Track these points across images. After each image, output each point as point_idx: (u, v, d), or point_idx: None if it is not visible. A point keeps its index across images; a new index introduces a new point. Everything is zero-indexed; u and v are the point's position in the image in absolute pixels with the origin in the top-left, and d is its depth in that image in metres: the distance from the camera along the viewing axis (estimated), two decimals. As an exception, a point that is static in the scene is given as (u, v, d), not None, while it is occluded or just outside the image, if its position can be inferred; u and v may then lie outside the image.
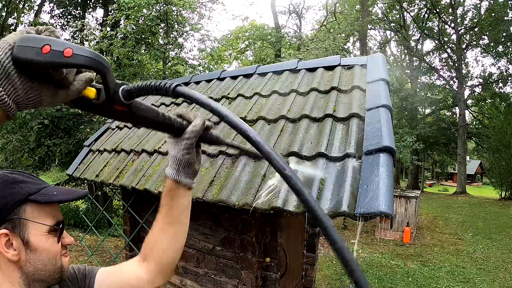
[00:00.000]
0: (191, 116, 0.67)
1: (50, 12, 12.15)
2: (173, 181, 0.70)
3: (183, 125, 0.65)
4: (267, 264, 2.32)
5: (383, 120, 1.64)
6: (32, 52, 0.39)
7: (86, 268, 0.81)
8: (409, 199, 8.89)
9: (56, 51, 0.39)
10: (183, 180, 0.70)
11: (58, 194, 0.66)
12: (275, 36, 19.17)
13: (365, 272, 6.23)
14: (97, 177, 2.57)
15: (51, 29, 0.44)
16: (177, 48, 9.72)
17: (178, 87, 0.50)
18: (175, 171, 0.69)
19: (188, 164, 0.68)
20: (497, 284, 5.83)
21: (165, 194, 0.73)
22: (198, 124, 0.65)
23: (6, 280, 0.62)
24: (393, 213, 1.26)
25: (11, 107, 0.40)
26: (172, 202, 0.73)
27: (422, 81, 22.67)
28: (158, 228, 0.76)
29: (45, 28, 0.44)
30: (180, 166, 0.68)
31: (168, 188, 0.72)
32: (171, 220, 0.75)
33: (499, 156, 15.30)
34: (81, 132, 7.81)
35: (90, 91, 0.48)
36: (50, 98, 0.44)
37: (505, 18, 16.49)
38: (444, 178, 38.71)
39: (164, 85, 0.50)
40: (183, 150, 0.66)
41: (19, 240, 0.62)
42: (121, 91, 0.50)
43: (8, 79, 0.39)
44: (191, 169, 0.70)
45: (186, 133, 0.65)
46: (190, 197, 0.76)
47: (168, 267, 0.79)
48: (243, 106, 2.44)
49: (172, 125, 0.63)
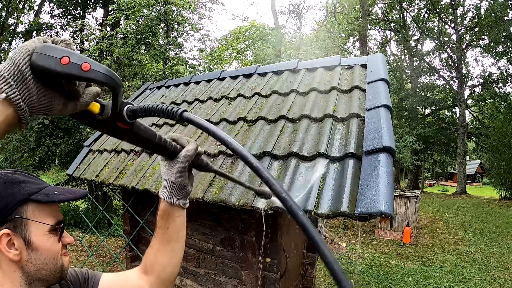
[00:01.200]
0: (184, 141, 0.69)
1: (50, 12, 12.16)
2: (167, 203, 0.72)
3: (177, 149, 0.67)
4: (267, 264, 2.32)
5: (383, 120, 1.64)
6: (51, 61, 0.40)
7: (89, 272, 0.82)
8: (409, 199, 8.89)
9: (75, 63, 0.41)
10: (177, 201, 0.72)
11: (58, 193, 0.67)
12: (275, 36, 19.15)
13: (365, 272, 6.23)
14: (97, 177, 2.57)
15: (67, 41, 0.45)
16: (177, 48, 9.73)
17: (184, 112, 0.52)
18: (169, 193, 0.71)
19: (181, 186, 0.71)
20: (497, 284, 5.83)
21: (160, 216, 0.75)
22: (191, 149, 0.67)
23: (7, 280, 0.63)
24: (393, 213, 1.26)
25: (24, 111, 0.41)
26: (168, 222, 0.75)
27: (422, 81, 22.66)
28: (156, 247, 0.78)
29: (61, 39, 0.45)
30: (173, 189, 0.71)
31: (163, 210, 0.74)
32: (168, 239, 0.77)
33: (499, 156, 15.29)
34: (81, 132, 7.81)
35: (95, 105, 0.49)
36: (60, 107, 0.45)
37: (505, 18, 16.49)
38: (444, 178, 38.73)
39: (171, 110, 0.52)
40: (176, 174, 0.68)
41: (21, 240, 0.62)
42: (126, 109, 0.51)
43: (25, 83, 0.40)
44: (184, 191, 0.72)
45: (179, 157, 0.67)
46: (184, 216, 0.78)
47: (169, 280, 0.82)
48: (243, 106, 2.44)
49: (167, 148, 0.65)
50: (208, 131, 0.48)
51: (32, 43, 0.42)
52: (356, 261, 6.92)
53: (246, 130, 2.15)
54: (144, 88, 3.78)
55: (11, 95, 0.40)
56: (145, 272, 0.81)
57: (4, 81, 0.39)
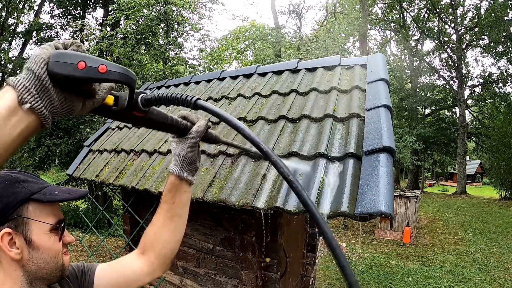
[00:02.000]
0: (194, 118, 0.73)
1: (50, 12, 12.14)
2: (176, 177, 0.76)
3: (188, 126, 0.71)
4: (267, 264, 2.32)
5: (383, 120, 1.64)
6: (68, 68, 0.42)
7: (85, 265, 0.82)
8: (409, 199, 8.89)
9: (91, 67, 0.42)
10: (186, 175, 0.76)
11: (59, 193, 0.67)
12: (275, 36, 19.15)
13: (365, 272, 6.23)
14: (97, 177, 2.57)
15: (77, 43, 0.47)
16: (177, 48, 9.73)
17: (198, 100, 0.56)
18: (179, 167, 0.75)
19: (192, 161, 0.75)
20: (497, 284, 5.82)
21: (168, 190, 0.78)
22: (203, 125, 0.72)
23: (8, 279, 0.63)
24: (393, 213, 1.26)
25: (47, 118, 0.43)
26: (175, 197, 0.78)
27: (422, 81, 22.66)
28: (160, 222, 0.81)
29: (71, 42, 0.47)
30: (184, 163, 0.74)
31: (171, 184, 0.77)
32: (173, 214, 0.80)
33: (499, 156, 15.28)
34: (81, 132, 7.81)
35: (109, 98, 0.52)
36: (80, 107, 0.47)
37: (505, 18, 16.48)
38: (444, 178, 38.74)
39: (185, 98, 0.56)
40: (188, 148, 0.72)
41: (22, 239, 0.63)
42: (140, 99, 0.55)
43: (46, 92, 0.42)
44: (193, 166, 0.76)
45: (191, 133, 0.71)
46: (190, 193, 0.82)
47: (168, 258, 0.84)
48: (243, 106, 2.44)
49: (179, 127, 0.69)
50: (222, 117, 0.52)
51: (45, 51, 0.43)
52: (356, 261, 6.92)
53: (246, 130, 2.15)
54: (144, 88, 3.78)
55: (35, 104, 0.41)
56: (143, 252, 0.83)
57: (27, 91, 0.41)
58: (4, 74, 11.81)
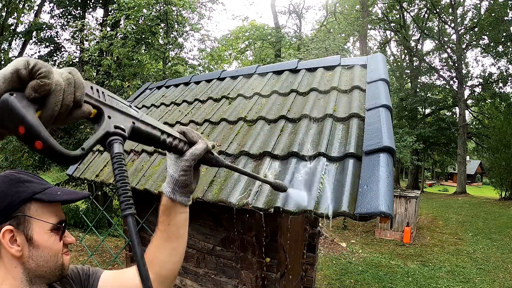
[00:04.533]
0: (193, 136, 0.65)
1: (50, 12, 12.14)
2: (169, 199, 0.70)
3: (184, 147, 0.64)
4: (267, 264, 2.32)
5: (383, 120, 1.64)
6: (10, 125, 0.38)
7: (90, 269, 0.83)
8: (409, 199, 8.89)
9: (29, 137, 0.38)
10: (179, 198, 0.70)
11: (61, 194, 0.69)
12: (275, 36, 19.16)
13: (365, 272, 6.23)
14: (97, 177, 2.57)
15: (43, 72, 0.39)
16: (177, 48, 9.73)
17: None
18: (171, 189, 0.69)
19: (184, 184, 0.68)
20: (497, 284, 5.82)
21: (162, 211, 0.73)
22: (200, 148, 0.65)
23: (9, 275, 0.65)
24: (393, 213, 1.26)
25: None
26: (169, 219, 0.73)
27: (422, 81, 22.65)
28: (157, 242, 0.76)
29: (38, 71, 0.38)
30: (176, 186, 0.68)
31: (164, 205, 0.72)
32: (169, 235, 0.75)
33: (499, 156, 15.28)
34: (81, 132, 7.81)
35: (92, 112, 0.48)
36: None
37: (505, 18, 16.48)
38: (444, 178, 38.72)
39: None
40: (181, 171, 0.65)
41: (23, 236, 0.64)
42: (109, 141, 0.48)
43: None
44: (187, 189, 0.70)
45: (185, 155, 0.64)
46: (187, 213, 0.75)
47: (168, 278, 0.80)
48: (243, 106, 2.44)
49: (171, 148, 0.63)
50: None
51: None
52: (356, 261, 6.92)
53: (246, 130, 2.15)
54: (144, 88, 3.78)
55: None
56: None
57: None
58: (4, 74, 11.79)
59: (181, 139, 0.64)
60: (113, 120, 0.49)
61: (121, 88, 7.52)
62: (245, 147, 1.92)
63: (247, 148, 1.91)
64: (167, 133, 0.61)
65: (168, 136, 0.61)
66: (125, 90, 7.37)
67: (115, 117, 0.50)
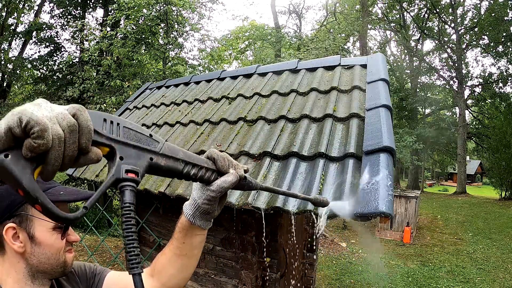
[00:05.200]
0: (225, 166, 0.60)
1: (50, 12, 12.15)
2: (188, 220, 0.68)
3: (211, 177, 0.59)
4: (267, 264, 2.32)
5: (383, 120, 1.64)
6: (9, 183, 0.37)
7: (97, 268, 0.85)
8: (409, 199, 8.89)
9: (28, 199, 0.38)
10: (198, 222, 0.68)
11: (64, 194, 0.70)
12: (275, 36, 19.17)
13: (365, 272, 6.23)
14: (97, 177, 2.56)
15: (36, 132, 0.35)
16: (177, 48, 9.73)
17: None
18: (192, 213, 0.67)
19: (207, 212, 0.66)
20: (497, 284, 5.82)
21: (179, 228, 0.71)
22: (230, 182, 0.60)
23: (12, 269, 0.67)
24: (393, 213, 1.26)
25: None
26: (185, 238, 0.71)
27: (422, 81, 22.65)
28: (168, 256, 0.75)
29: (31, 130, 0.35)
30: (197, 211, 0.66)
31: (182, 224, 0.70)
32: (181, 253, 0.74)
33: (499, 156, 15.27)
34: (81, 132, 7.80)
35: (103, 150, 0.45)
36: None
37: (505, 18, 16.48)
38: (444, 178, 38.71)
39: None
40: (205, 200, 0.63)
41: (25, 234, 0.66)
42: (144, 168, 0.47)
43: None
44: (209, 216, 0.68)
45: (213, 185, 0.60)
46: (205, 235, 0.73)
47: None
48: (243, 106, 2.44)
49: (197, 179, 0.58)
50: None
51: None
52: (356, 261, 6.92)
53: (246, 130, 2.15)
54: (144, 88, 3.78)
55: None
56: (152, 275, 0.79)
57: None
58: (4, 74, 11.81)
59: (209, 168, 0.59)
60: (126, 162, 0.45)
61: (121, 88, 7.52)
62: (245, 147, 1.92)
63: (247, 148, 1.91)
64: (192, 163, 0.56)
65: (193, 167, 0.56)
66: (125, 90, 7.37)
67: (129, 156, 0.46)
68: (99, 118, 0.43)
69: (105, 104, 7.09)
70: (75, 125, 0.38)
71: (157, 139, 0.52)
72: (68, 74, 9.99)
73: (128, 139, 0.47)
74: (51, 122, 0.36)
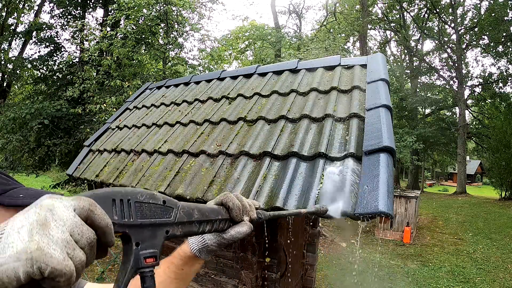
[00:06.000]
0: (239, 216, 0.61)
1: (50, 12, 12.15)
2: (192, 253, 0.68)
3: (224, 226, 0.60)
4: (267, 264, 2.32)
5: (383, 120, 1.64)
6: None
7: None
8: (409, 199, 8.88)
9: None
10: (203, 256, 0.69)
11: (24, 196, 0.63)
12: (275, 36, 19.16)
13: (365, 272, 6.23)
14: (97, 177, 2.56)
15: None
16: (177, 48, 9.73)
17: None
18: (198, 249, 0.67)
19: (213, 251, 0.68)
20: (497, 284, 5.82)
21: (180, 256, 0.71)
22: (243, 233, 0.61)
23: None
24: (393, 213, 1.26)
25: None
26: (184, 266, 0.71)
27: (422, 81, 22.65)
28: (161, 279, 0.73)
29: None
30: (205, 248, 0.67)
31: (185, 254, 0.70)
32: (176, 277, 0.73)
33: (499, 156, 15.26)
34: (81, 132, 7.81)
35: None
36: None
37: (505, 18, 16.47)
38: (444, 178, 38.74)
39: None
40: (215, 243, 0.64)
41: None
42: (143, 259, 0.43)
43: None
44: (213, 252, 0.70)
45: (226, 234, 0.61)
46: (202, 263, 0.74)
47: None
48: (243, 106, 2.44)
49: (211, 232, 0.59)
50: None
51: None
52: (356, 261, 6.92)
53: (246, 130, 2.15)
54: (144, 88, 3.78)
55: None
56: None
57: None
58: (4, 74, 11.81)
59: (223, 219, 0.59)
60: (142, 247, 0.42)
61: (121, 88, 7.52)
62: (245, 147, 1.92)
63: (247, 148, 1.91)
64: (206, 221, 0.55)
65: (207, 224, 0.56)
66: (125, 90, 7.37)
67: (145, 239, 0.43)
68: (108, 201, 0.39)
69: (105, 104, 7.09)
70: (94, 236, 0.34)
71: (171, 205, 0.49)
72: (68, 74, 10.00)
73: (142, 217, 0.43)
74: (70, 250, 0.31)
